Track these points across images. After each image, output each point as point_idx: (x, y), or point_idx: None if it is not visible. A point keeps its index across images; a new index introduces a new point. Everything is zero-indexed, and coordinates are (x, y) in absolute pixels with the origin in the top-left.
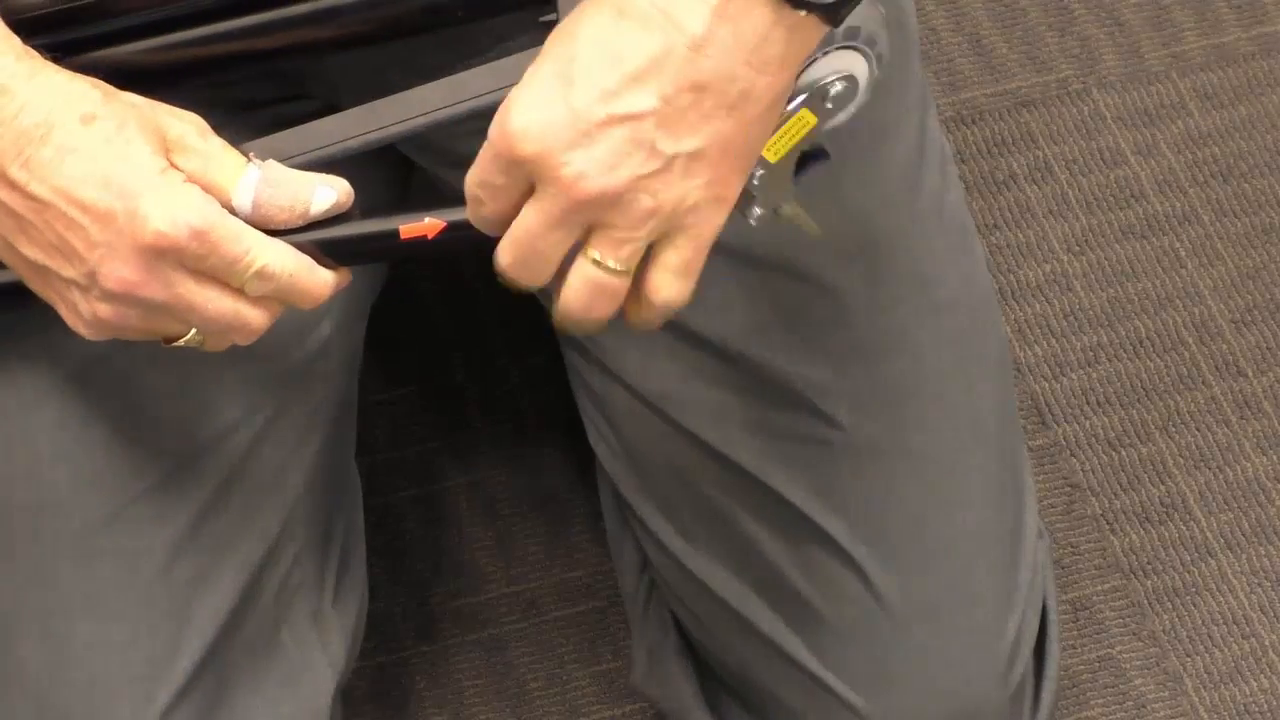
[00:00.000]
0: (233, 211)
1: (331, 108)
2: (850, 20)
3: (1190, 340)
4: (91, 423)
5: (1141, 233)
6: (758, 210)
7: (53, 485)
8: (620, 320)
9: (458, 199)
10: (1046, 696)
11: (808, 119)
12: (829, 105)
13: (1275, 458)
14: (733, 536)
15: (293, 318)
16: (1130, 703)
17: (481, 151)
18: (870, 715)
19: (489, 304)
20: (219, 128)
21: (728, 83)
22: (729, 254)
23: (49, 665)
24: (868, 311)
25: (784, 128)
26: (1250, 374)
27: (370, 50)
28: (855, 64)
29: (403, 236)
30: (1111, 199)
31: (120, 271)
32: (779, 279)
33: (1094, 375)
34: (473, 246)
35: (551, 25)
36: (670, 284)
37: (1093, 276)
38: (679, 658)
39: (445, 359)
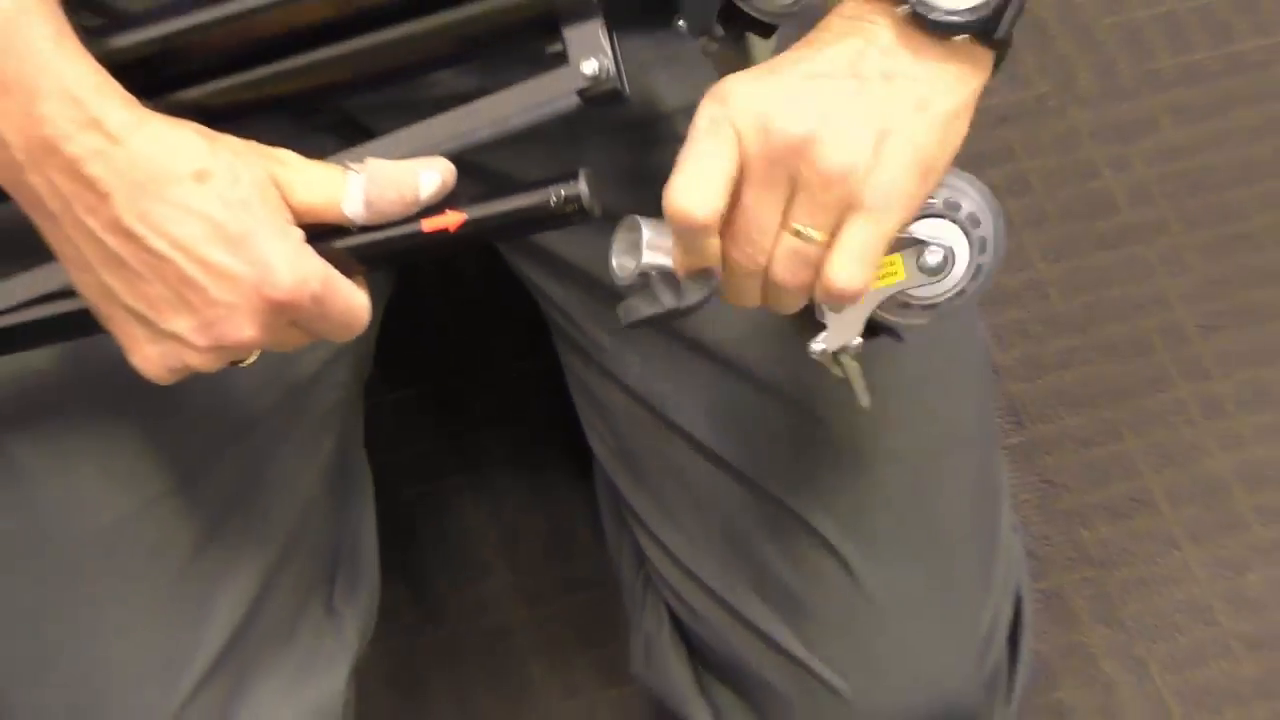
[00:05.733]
0: (346, 222)
1: (346, 119)
2: (965, 206)
3: (1159, 345)
4: (120, 420)
5: (1114, 242)
6: (820, 344)
7: (82, 480)
8: (619, 322)
9: (469, 197)
10: (1019, 681)
11: (898, 268)
12: (920, 267)
13: (1238, 455)
14: (725, 532)
15: None
16: (1099, 686)
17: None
18: (854, 699)
19: (489, 304)
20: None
21: (910, 81)
22: None
23: (78, 653)
24: None
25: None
26: (1216, 376)
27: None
28: (956, 239)
29: (425, 230)
30: (1086, 210)
31: (241, 329)
32: None
33: (1068, 377)
34: (492, 237)
35: (558, 56)
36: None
37: (1068, 284)
38: (674, 647)
39: (446, 359)
